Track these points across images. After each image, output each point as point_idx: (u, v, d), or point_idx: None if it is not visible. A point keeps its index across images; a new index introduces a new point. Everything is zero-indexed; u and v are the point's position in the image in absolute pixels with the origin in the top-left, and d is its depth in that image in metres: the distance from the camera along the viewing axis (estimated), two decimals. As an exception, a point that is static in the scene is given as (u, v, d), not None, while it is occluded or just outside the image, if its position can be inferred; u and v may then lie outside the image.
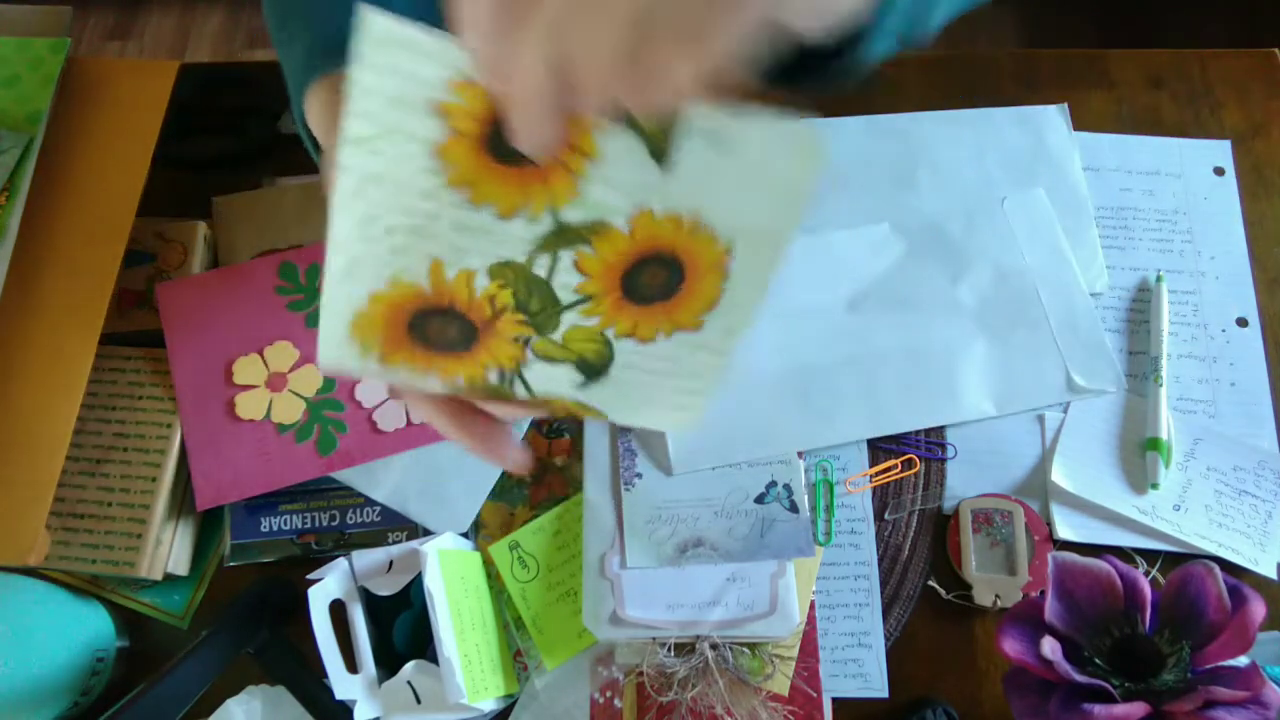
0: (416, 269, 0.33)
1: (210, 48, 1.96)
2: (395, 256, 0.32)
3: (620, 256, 0.33)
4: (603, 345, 0.36)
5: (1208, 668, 0.48)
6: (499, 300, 0.34)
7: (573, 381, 0.37)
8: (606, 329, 0.35)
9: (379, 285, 0.33)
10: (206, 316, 0.65)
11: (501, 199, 0.31)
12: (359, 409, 0.64)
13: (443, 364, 0.35)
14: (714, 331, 0.36)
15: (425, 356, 0.35)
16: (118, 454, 0.61)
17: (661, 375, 0.37)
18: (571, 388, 0.37)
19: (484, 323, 0.34)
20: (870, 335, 0.66)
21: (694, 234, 0.33)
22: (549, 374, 0.36)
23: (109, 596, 0.62)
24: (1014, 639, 0.49)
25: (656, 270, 0.34)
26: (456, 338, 0.35)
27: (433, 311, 0.34)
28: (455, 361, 0.35)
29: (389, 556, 0.57)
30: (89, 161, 0.63)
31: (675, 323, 0.36)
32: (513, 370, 0.36)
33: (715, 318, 0.36)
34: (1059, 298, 0.67)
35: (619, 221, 0.32)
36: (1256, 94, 0.74)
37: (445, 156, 0.30)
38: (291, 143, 0.74)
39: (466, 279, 0.33)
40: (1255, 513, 0.62)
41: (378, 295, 0.33)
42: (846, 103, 0.75)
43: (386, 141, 0.29)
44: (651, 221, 0.33)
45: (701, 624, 0.58)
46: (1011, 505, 0.62)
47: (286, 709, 0.57)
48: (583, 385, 0.37)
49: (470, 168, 0.30)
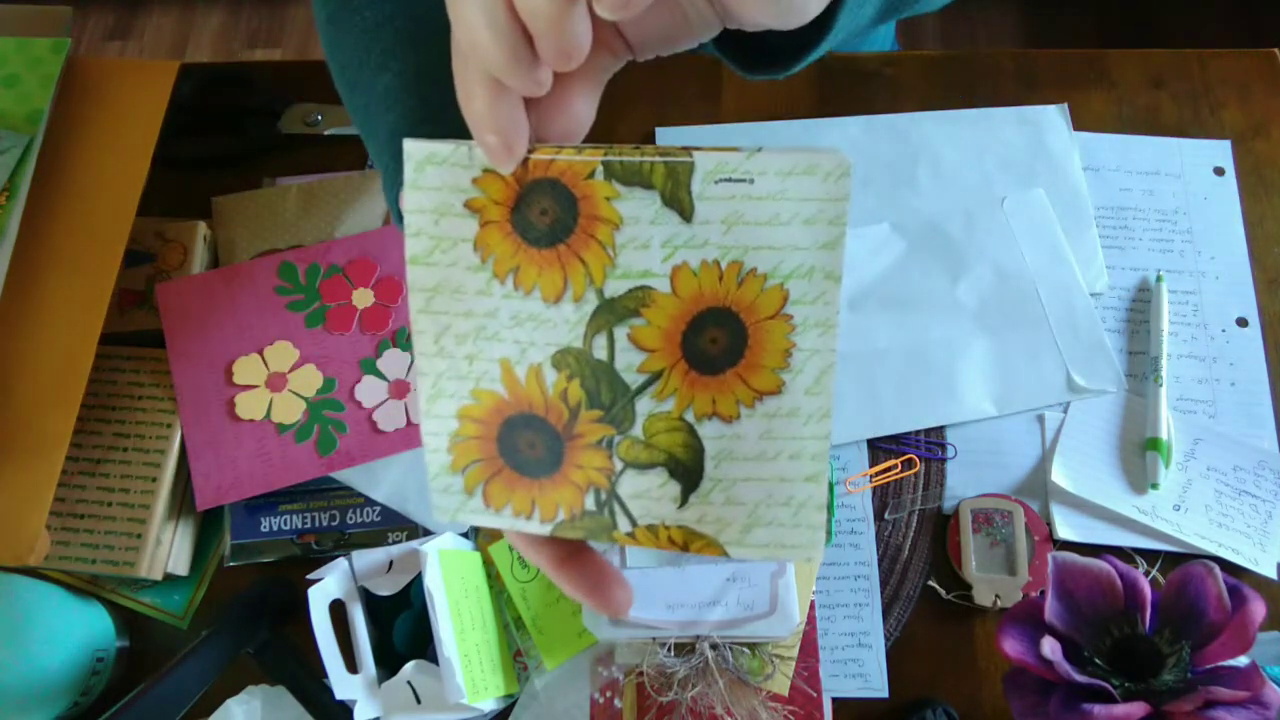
0: (491, 373, 0.33)
1: (210, 48, 1.96)
2: (471, 364, 0.33)
3: (673, 321, 0.32)
4: (688, 435, 0.34)
5: (1208, 668, 0.48)
6: (571, 395, 0.33)
7: (670, 495, 0.34)
8: (685, 412, 0.33)
9: (464, 400, 0.33)
10: (206, 316, 0.65)
11: (544, 281, 0.32)
12: (359, 409, 0.64)
13: (541, 494, 0.35)
14: (798, 394, 0.33)
15: (524, 485, 0.35)
16: (118, 454, 0.61)
17: (761, 463, 0.34)
18: (672, 506, 0.35)
19: (564, 426, 0.34)
20: (870, 335, 0.66)
21: (738, 282, 0.32)
22: (643, 488, 0.34)
23: (109, 596, 0.62)
24: (1014, 639, 0.49)
25: (715, 331, 0.33)
26: (545, 453, 0.34)
27: (517, 421, 0.34)
28: (552, 488, 0.35)
29: (389, 556, 0.57)
30: (89, 161, 0.63)
31: (753, 388, 0.33)
32: (608, 490, 0.34)
33: (794, 375, 0.33)
34: (1059, 298, 0.67)
35: (660, 284, 0.32)
36: (1256, 94, 0.74)
37: (484, 246, 0.31)
38: (291, 143, 0.74)
39: (536, 374, 0.33)
40: (1255, 513, 0.62)
41: (464, 411, 0.34)
42: (847, 103, 0.75)
43: (440, 252, 0.31)
44: (691, 276, 0.32)
45: (701, 624, 0.58)
46: (1011, 505, 0.62)
47: (286, 709, 0.57)
48: (682, 499, 0.34)
49: (508, 252, 0.31)
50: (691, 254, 0.31)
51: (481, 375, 0.33)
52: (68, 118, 0.63)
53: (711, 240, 0.31)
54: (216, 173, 0.72)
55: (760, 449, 0.34)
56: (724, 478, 0.34)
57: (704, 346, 0.33)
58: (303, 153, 0.74)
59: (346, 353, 0.65)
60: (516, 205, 0.31)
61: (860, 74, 0.76)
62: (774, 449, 0.34)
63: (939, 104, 0.74)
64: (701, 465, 0.34)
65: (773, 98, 0.75)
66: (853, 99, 0.75)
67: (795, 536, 0.34)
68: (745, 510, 0.34)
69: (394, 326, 0.65)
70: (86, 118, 0.64)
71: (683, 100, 0.74)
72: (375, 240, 0.67)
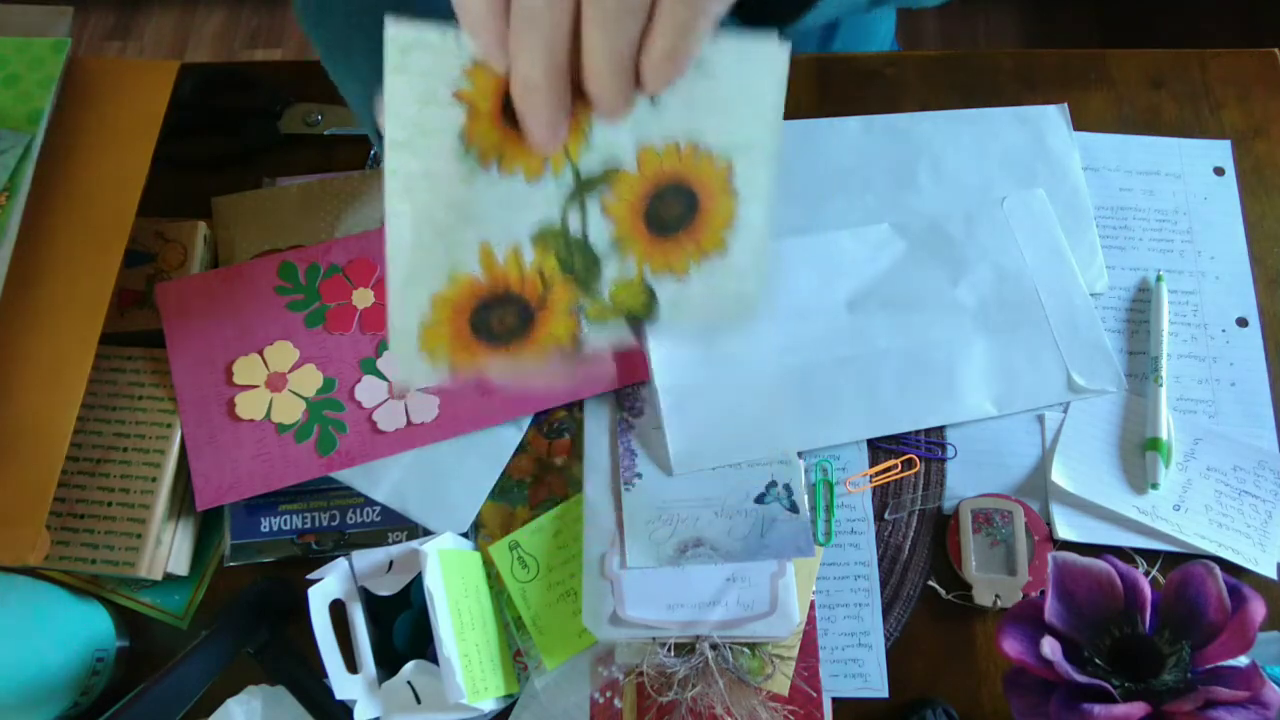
0: (469, 259, 0.35)
1: (210, 48, 1.96)
2: (449, 251, 0.34)
3: (637, 195, 0.36)
4: (647, 296, 0.38)
5: (1208, 668, 0.48)
6: (548, 270, 0.36)
7: (624, 337, 0.39)
8: (644, 271, 0.38)
9: (439, 286, 0.35)
10: (206, 316, 0.65)
11: (526, 160, 0.34)
12: (359, 409, 0.64)
13: (507, 358, 0.38)
14: (740, 254, 0.39)
15: (491, 352, 0.37)
16: (118, 454, 0.62)
17: (706, 305, 0.39)
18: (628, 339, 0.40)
19: (539, 299, 0.37)
20: (870, 335, 0.66)
21: (695, 159, 0.36)
22: (603, 338, 0.39)
23: (109, 596, 0.62)
24: (1014, 639, 0.49)
25: (672, 201, 0.37)
26: (516, 324, 0.37)
27: (492, 302, 0.36)
28: (519, 351, 0.38)
29: (389, 556, 0.57)
30: (89, 161, 0.62)
31: (702, 248, 0.38)
32: (571, 347, 0.38)
33: (736, 237, 0.38)
34: (1059, 298, 0.67)
35: (628, 161, 0.35)
36: (1256, 94, 0.74)
37: (471, 137, 0.32)
38: (291, 143, 0.74)
39: (516, 257, 0.36)
40: (1255, 513, 0.62)
41: (439, 296, 0.35)
42: (847, 103, 0.75)
43: (422, 139, 0.32)
44: (655, 155, 0.35)
45: (701, 624, 0.58)
46: (1011, 505, 0.62)
47: (286, 709, 0.57)
48: (635, 336, 0.39)
49: (495, 140, 0.33)
50: (656, 136, 0.35)
51: (459, 261, 0.35)
52: (68, 117, 0.63)
53: (672, 122, 0.35)
54: (216, 173, 0.72)
55: (706, 295, 0.39)
56: (674, 318, 0.39)
57: (662, 214, 0.37)
58: (303, 153, 0.74)
59: (346, 353, 0.65)
60: (507, 97, 0.32)
61: (860, 74, 0.76)
62: (719, 295, 0.39)
63: (939, 104, 0.74)
64: (656, 314, 0.39)
65: (773, 98, 0.75)
66: (853, 99, 0.75)
67: (735, 306, 0.40)
68: (693, 325, 0.40)
69: (394, 326, 0.65)
70: (86, 117, 0.64)
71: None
72: (375, 240, 0.67)
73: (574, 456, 0.65)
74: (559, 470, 0.65)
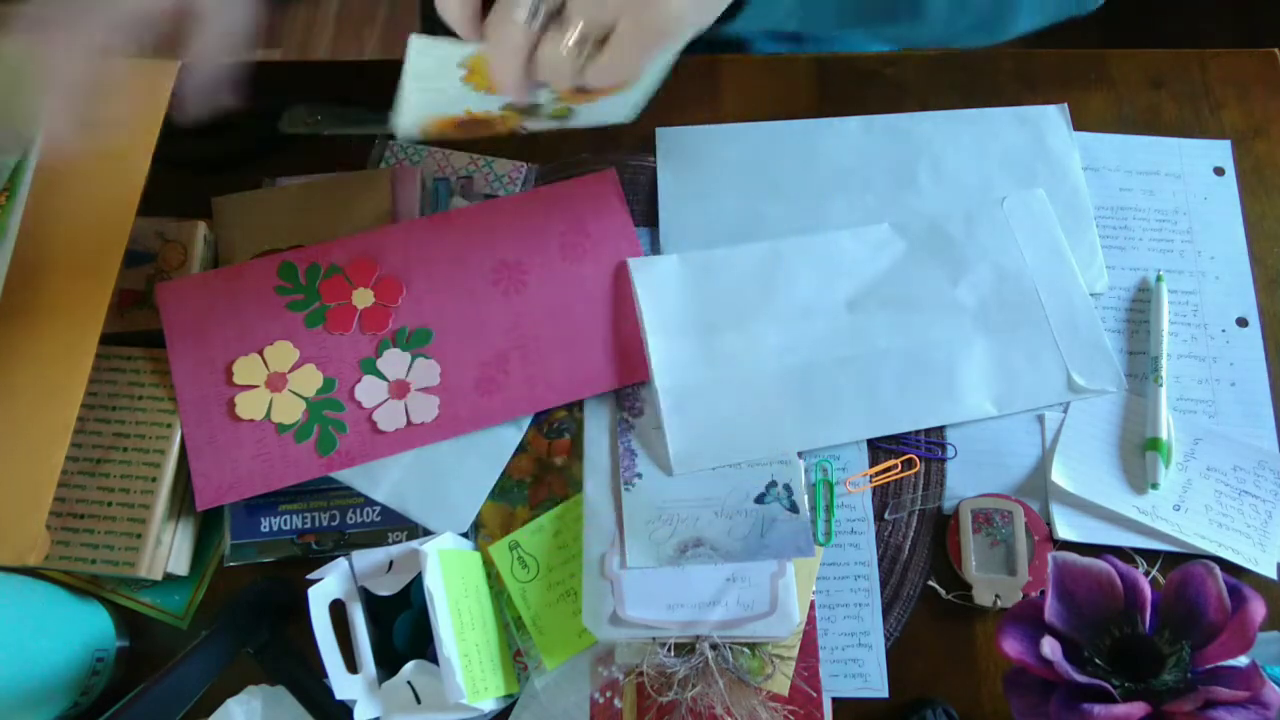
0: (457, 111, 0.56)
1: (210, 48, 1.95)
2: (446, 106, 0.56)
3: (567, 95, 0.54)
4: (567, 110, 0.57)
5: (1208, 668, 0.48)
6: (509, 118, 0.58)
7: (551, 125, 0.60)
8: (569, 102, 0.56)
9: (437, 113, 0.57)
10: (206, 316, 0.65)
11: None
12: (359, 409, 0.64)
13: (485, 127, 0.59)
14: (635, 90, 0.56)
15: (476, 125, 0.59)
16: (118, 454, 0.62)
17: (611, 107, 0.57)
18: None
19: (501, 123, 0.59)
20: (870, 335, 0.66)
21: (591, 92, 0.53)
22: (536, 126, 0.60)
23: (109, 596, 0.62)
24: (1014, 639, 0.49)
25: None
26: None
27: (470, 123, 0.58)
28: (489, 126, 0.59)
29: (389, 556, 0.57)
30: (89, 161, 0.62)
31: (608, 94, 0.55)
32: (521, 125, 0.60)
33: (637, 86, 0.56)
34: (1059, 298, 0.67)
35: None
36: (1256, 94, 0.74)
37: (470, 80, 0.52)
38: (291, 143, 0.74)
39: (489, 112, 0.57)
40: (1255, 513, 0.62)
41: (436, 115, 0.57)
42: (847, 103, 0.75)
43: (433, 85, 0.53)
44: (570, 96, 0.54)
45: (701, 624, 0.58)
46: (1011, 505, 0.62)
47: (286, 709, 0.57)
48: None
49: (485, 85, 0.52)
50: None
51: (448, 110, 0.56)
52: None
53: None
54: (216, 173, 0.72)
55: (609, 104, 0.56)
56: (585, 118, 0.59)
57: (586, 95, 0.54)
58: (303, 153, 0.74)
59: (346, 353, 0.65)
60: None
61: (860, 74, 0.76)
62: (615, 103, 0.56)
63: (939, 104, 0.74)
64: (572, 115, 0.58)
65: (772, 98, 0.75)
66: (853, 99, 0.75)
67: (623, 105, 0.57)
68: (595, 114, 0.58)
69: (394, 327, 0.65)
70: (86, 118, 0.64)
71: (682, 101, 0.74)
72: (375, 240, 0.67)
73: (574, 456, 0.65)
74: (559, 470, 0.65)
